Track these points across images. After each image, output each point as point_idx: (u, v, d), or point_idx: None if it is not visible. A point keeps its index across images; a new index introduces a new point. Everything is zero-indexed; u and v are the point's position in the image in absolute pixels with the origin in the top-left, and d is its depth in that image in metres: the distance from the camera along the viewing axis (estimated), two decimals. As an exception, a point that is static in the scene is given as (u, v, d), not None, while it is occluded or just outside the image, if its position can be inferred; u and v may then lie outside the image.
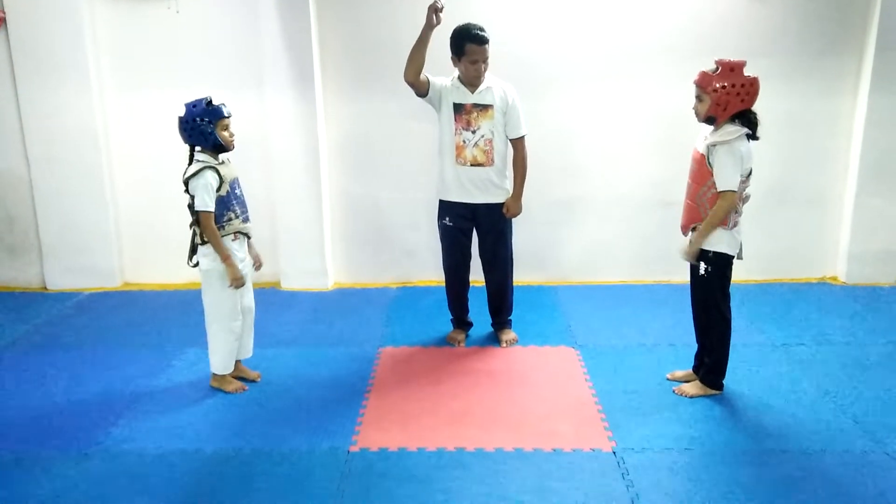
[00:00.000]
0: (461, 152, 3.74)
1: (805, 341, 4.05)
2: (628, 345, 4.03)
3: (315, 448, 3.01)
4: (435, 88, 3.70)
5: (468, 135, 3.72)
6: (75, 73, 4.76)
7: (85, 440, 3.10)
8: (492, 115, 3.70)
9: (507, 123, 3.75)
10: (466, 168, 3.76)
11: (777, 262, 5.09)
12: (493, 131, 3.72)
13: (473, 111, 3.70)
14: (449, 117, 3.73)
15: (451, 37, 3.64)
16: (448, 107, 3.73)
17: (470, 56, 3.59)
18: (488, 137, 3.72)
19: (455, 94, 3.73)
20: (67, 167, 4.91)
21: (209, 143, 3.24)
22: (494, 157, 3.75)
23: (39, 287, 5.16)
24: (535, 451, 2.97)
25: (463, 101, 3.71)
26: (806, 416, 3.23)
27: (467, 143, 3.73)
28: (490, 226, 3.87)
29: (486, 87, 3.71)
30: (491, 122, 3.71)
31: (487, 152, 3.73)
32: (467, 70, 3.63)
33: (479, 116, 3.70)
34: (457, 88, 3.72)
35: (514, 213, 3.86)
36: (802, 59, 4.76)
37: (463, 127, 3.72)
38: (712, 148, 3.11)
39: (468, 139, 3.73)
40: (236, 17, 4.75)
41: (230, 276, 3.31)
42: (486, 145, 3.73)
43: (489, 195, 3.81)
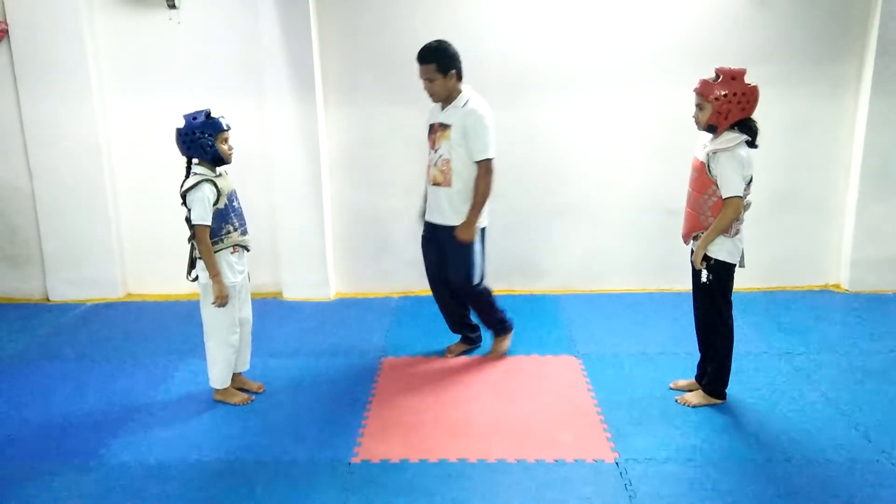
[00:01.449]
0: (428, 171, 3.74)
1: (808, 350, 4.03)
2: (630, 353, 4.01)
3: (316, 459, 3.01)
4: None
5: (432, 154, 3.69)
6: (77, 84, 4.78)
7: (86, 452, 3.10)
8: (449, 136, 3.59)
9: (467, 145, 3.59)
10: (431, 187, 3.73)
11: (779, 269, 5.08)
12: (450, 152, 3.60)
13: (438, 130, 3.66)
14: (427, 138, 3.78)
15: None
16: (426, 129, 3.77)
17: (420, 75, 3.61)
18: (445, 157, 3.61)
19: (431, 114, 3.75)
20: (69, 178, 4.92)
21: (208, 155, 3.24)
22: (452, 178, 3.61)
23: (42, 298, 5.17)
24: (537, 461, 2.96)
25: (432, 121, 3.71)
26: (810, 425, 3.22)
27: (430, 164, 3.71)
28: (442, 248, 3.77)
29: (455, 106, 3.61)
30: (448, 143, 3.60)
31: (445, 172, 3.62)
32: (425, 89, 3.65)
33: (440, 136, 3.63)
34: (435, 108, 3.72)
35: (462, 238, 3.64)
36: (803, 65, 4.76)
37: (430, 146, 3.71)
38: (713, 155, 3.11)
39: (431, 159, 3.71)
40: (237, 26, 4.77)
41: (216, 292, 3.27)
42: (443, 165, 3.62)
43: (444, 217, 3.70)
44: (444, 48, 3.57)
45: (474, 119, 3.57)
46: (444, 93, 3.60)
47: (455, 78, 3.59)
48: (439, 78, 3.56)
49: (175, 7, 4.72)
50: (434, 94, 3.62)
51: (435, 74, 3.55)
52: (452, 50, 3.59)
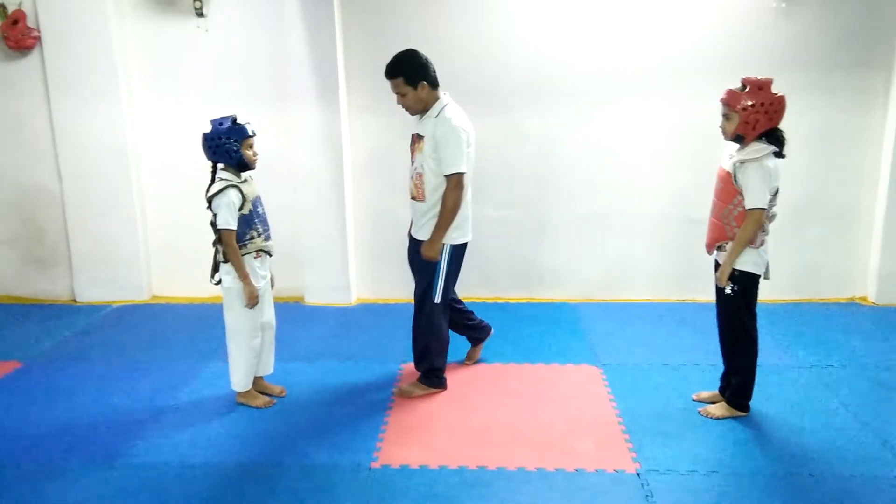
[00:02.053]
0: (410, 184, 3.59)
1: (834, 363, 3.98)
2: (652, 364, 3.98)
3: (337, 463, 3.02)
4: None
5: (411, 167, 3.55)
6: (106, 89, 4.87)
7: (110, 452, 3.14)
8: (421, 148, 3.42)
9: (437, 158, 3.37)
10: (410, 201, 3.59)
11: (805, 281, 5.01)
12: (423, 165, 3.42)
13: (415, 142, 3.50)
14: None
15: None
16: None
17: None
18: (419, 171, 3.45)
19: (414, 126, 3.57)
20: (98, 182, 5.01)
21: (233, 161, 3.28)
22: (426, 192, 3.43)
23: (69, 299, 5.25)
24: (557, 470, 2.95)
25: (413, 132, 3.54)
26: (835, 440, 3.17)
27: (410, 176, 3.57)
28: (412, 262, 3.66)
29: (429, 116, 3.43)
30: (421, 155, 3.43)
31: (419, 186, 3.47)
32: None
33: (416, 148, 3.48)
34: (416, 120, 3.55)
35: (425, 255, 3.45)
36: (831, 75, 4.71)
37: (410, 159, 3.56)
38: (740, 166, 3.08)
39: (410, 171, 3.56)
40: (263, 33, 4.83)
41: (247, 295, 3.33)
42: (417, 179, 3.48)
43: (416, 230, 3.57)
44: (408, 59, 3.39)
45: (445, 129, 3.34)
46: (419, 105, 3.42)
47: (427, 88, 3.39)
48: (409, 91, 3.38)
49: (203, 15, 4.80)
50: (408, 108, 3.46)
51: (404, 88, 3.38)
52: (419, 59, 3.39)
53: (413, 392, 3.66)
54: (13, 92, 4.95)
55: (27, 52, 4.86)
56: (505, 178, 4.95)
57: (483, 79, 4.77)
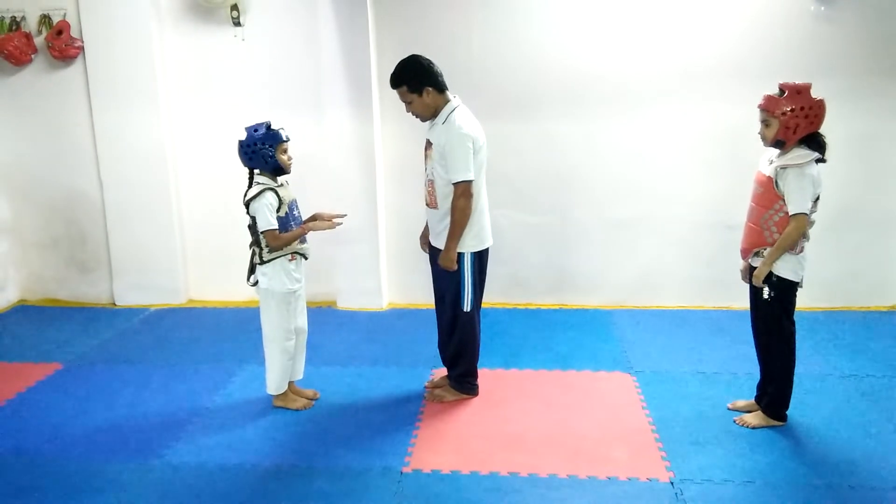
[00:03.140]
0: (423, 191, 3.55)
1: (874, 372, 3.88)
2: (686, 372, 3.94)
3: (369, 467, 3.04)
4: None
5: (425, 174, 3.51)
6: (146, 98, 4.98)
7: (148, 453, 3.21)
8: (431, 155, 3.39)
9: (445, 165, 3.31)
10: (429, 210, 3.53)
11: (843, 288, 4.90)
12: (433, 172, 3.38)
13: (427, 149, 3.45)
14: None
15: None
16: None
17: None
18: (430, 178, 3.42)
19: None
20: (137, 188, 5.12)
21: (269, 166, 3.34)
22: (437, 199, 3.40)
23: (108, 303, 5.37)
24: (589, 478, 2.93)
25: (426, 137, 3.49)
26: (875, 451, 3.09)
27: (424, 183, 3.52)
28: (434, 270, 3.59)
29: (437, 122, 3.37)
30: (431, 163, 3.39)
31: (431, 193, 3.43)
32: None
33: (428, 156, 3.44)
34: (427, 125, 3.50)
35: (442, 264, 3.40)
36: (870, 79, 4.61)
37: (424, 166, 3.52)
38: (782, 171, 3.04)
39: (425, 179, 3.50)
40: (298, 42, 4.90)
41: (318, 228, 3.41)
42: (429, 186, 3.45)
43: (435, 238, 3.53)
44: (410, 66, 3.31)
45: (451, 136, 3.26)
46: (427, 111, 3.36)
47: (433, 93, 3.31)
48: (415, 98, 3.31)
49: (240, 25, 4.89)
50: (418, 115, 3.40)
51: (409, 96, 3.32)
52: (422, 65, 3.31)
53: (445, 397, 3.66)
54: (57, 100, 5.09)
55: (71, 62, 5.00)
56: (536, 183, 4.94)
57: (515, 84, 4.78)
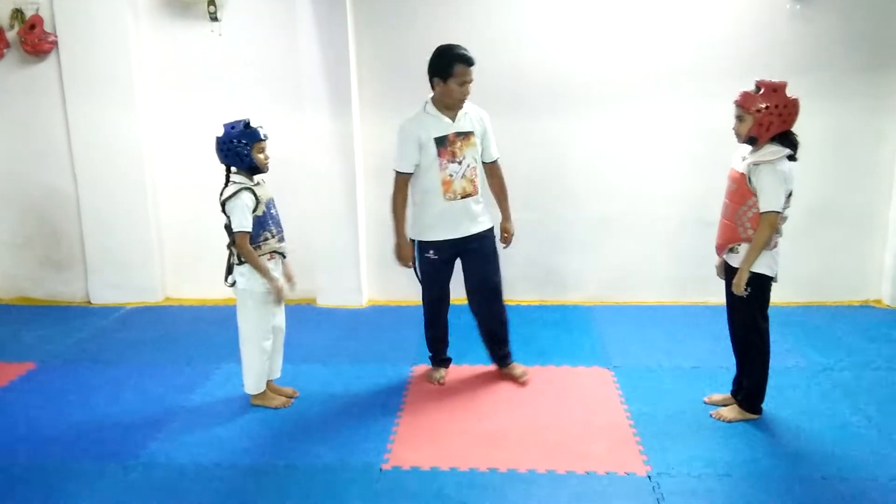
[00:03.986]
0: (450, 187, 3.50)
1: (847, 366, 3.95)
2: (664, 367, 3.97)
3: (348, 465, 3.03)
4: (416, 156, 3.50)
5: (455, 167, 3.49)
6: (122, 93, 4.92)
7: (124, 453, 3.17)
8: (474, 143, 3.52)
9: (483, 148, 3.60)
10: (457, 202, 3.53)
11: (818, 284, 4.98)
12: (475, 158, 3.55)
13: (457, 141, 3.48)
14: (432, 154, 3.47)
15: (436, 58, 3.44)
16: (430, 144, 3.46)
17: (459, 77, 3.38)
18: (473, 165, 3.54)
19: (434, 128, 3.47)
20: (113, 185, 5.06)
21: (245, 164, 3.31)
22: (478, 184, 3.59)
23: (83, 301, 5.30)
24: (568, 473, 2.94)
25: (445, 133, 3.47)
26: (848, 443, 3.15)
27: (455, 176, 3.50)
28: (483, 256, 3.67)
29: (463, 112, 3.51)
30: (474, 150, 3.53)
31: (474, 181, 3.55)
32: (453, 92, 3.41)
33: (463, 145, 3.49)
34: (435, 119, 3.48)
35: (512, 231, 3.77)
36: (846, 77, 4.68)
37: (448, 160, 3.47)
38: (754, 168, 3.07)
39: (455, 171, 3.49)
40: (276, 38, 4.87)
41: (274, 291, 3.37)
42: (472, 174, 3.54)
43: (479, 224, 3.62)
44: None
45: (487, 120, 3.61)
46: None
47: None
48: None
49: (217, 20, 4.85)
50: (465, 99, 3.49)
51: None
52: None
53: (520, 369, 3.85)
54: (30, 96, 5.01)
55: (44, 57, 4.92)
56: (518, 181, 4.92)
57: (495, 82, 4.76)
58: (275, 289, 3.37)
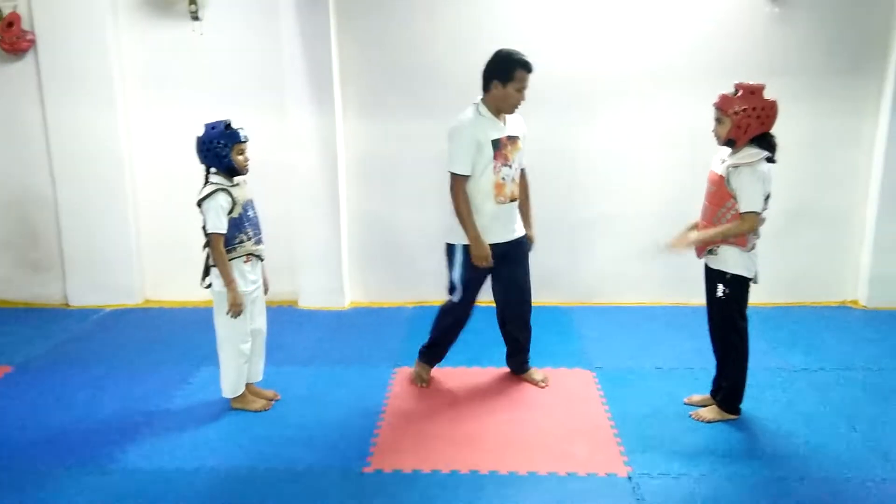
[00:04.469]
0: (502, 190, 3.48)
1: (825, 366, 4.00)
2: (645, 368, 4.00)
3: (329, 468, 3.02)
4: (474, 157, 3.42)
5: (507, 170, 3.47)
6: (101, 93, 4.87)
7: (102, 457, 3.13)
8: (520, 147, 3.55)
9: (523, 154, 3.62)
10: (507, 206, 3.52)
11: (796, 285, 5.03)
12: (521, 162, 3.60)
13: (508, 144, 3.47)
14: (488, 156, 3.42)
15: (497, 61, 3.41)
16: (486, 145, 3.41)
17: (518, 82, 3.37)
18: (519, 170, 3.60)
19: (490, 130, 3.43)
20: (91, 185, 5.00)
21: (223, 165, 3.28)
22: (518, 189, 3.62)
23: (61, 303, 5.24)
24: (549, 474, 2.95)
25: (499, 136, 3.45)
26: (825, 443, 3.18)
27: (507, 180, 3.49)
28: (519, 260, 3.66)
29: (510, 116, 3.53)
30: (520, 154, 3.55)
31: (518, 184, 3.60)
32: (510, 98, 3.40)
33: (513, 149, 3.50)
34: (491, 122, 3.44)
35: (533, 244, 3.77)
36: (823, 80, 4.74)
37: (502, 163, 3.46)
38: (733, 170, 3.10)
39: (507, 175, 3.48)
40: (259, 39, 4.83)
41: (230, 300, 3.29)
42: (518, 178, 3.60)
43: (520, 229, 3.66)
44: None
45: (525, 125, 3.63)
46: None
47: None
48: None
49: (198, 19, 4.81)
50: (519, 105, 3.49)
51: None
52: None
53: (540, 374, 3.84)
54: (7, 95, 4.94)
55: (22, 55, 4.85)
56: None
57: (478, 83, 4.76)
58: (231, 298, 3.29)
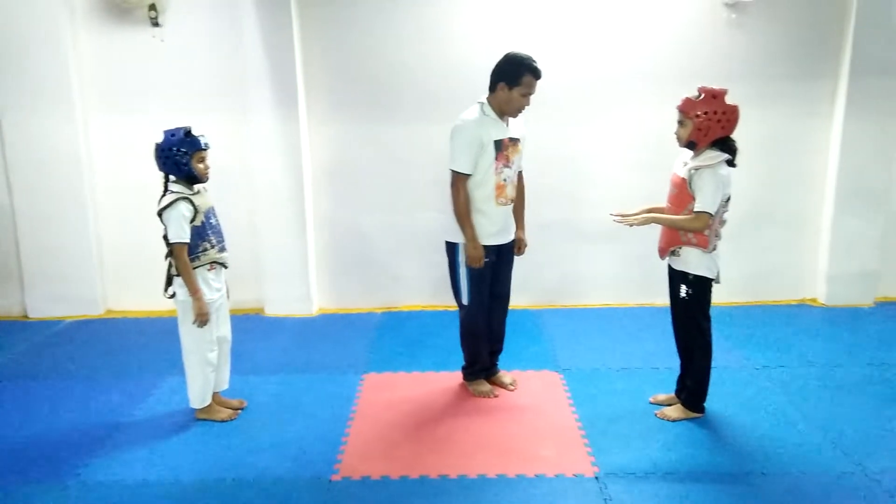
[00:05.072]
0: (502, 191, 3.49)
1: (785, 363, 4.08)
2: (611, 368, 4.04)
3: (297, 477, 2.99)
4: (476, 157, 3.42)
5: (508, 172, 3.50)
6: (59, 100, 4.77)
7: (64, 471, 3.06)
8: (520, 149, 3.56)
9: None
10: (506, 207, 3.55)
11: (757, 284, 5.15)
12: (519, 165, 3.61)
13: (510, 146, 3.49)
14: (490, 156, 3.42)
15: (506, 63, 3.40)
16: (490, 147, 3.41)
17: (525, 88, 3.38)
18: (520, 170, 3.63)
19: (494, 130, 3.43)
20: (50, 194, 4.89)
21: (182, 173, 3.23)
22: (515, 192, 3.64)
23: (20, 315, 5.11)
24: (518, 477, 2.97)
25: (502, 137, 3.45)
26: (787, 439, 3.25)
27: (508, 181, 3.51)
28: (508, 263, 3.72)
29: (513, 119, 3.53)
30: (520, 156, 3.57)
31: (516, 187, 3.63)
32: (515, 101, 3.40)
33: (514, 151, 3.52)
34: (494, 123, 3.44)
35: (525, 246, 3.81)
36: (780, 84, 4.86)
37: (504, 164, 3.47)
38: (695, 172, 3.16)
39: (508, 176, 3.51)
40: (220, 44, 4.78)
41: (195, 310, 3.25)
42: (517, 180, 3.63)
43: (512, 232, 3.69)
44: None
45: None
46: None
47: None
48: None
49: (158, 25, 4.74)
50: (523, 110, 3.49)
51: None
52: None
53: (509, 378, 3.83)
54: (-40, 103, 4.82)
55: (-26, 63, 4.74)
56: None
57: (442, 87, 4.79)
58: (197, 308, 3.25)
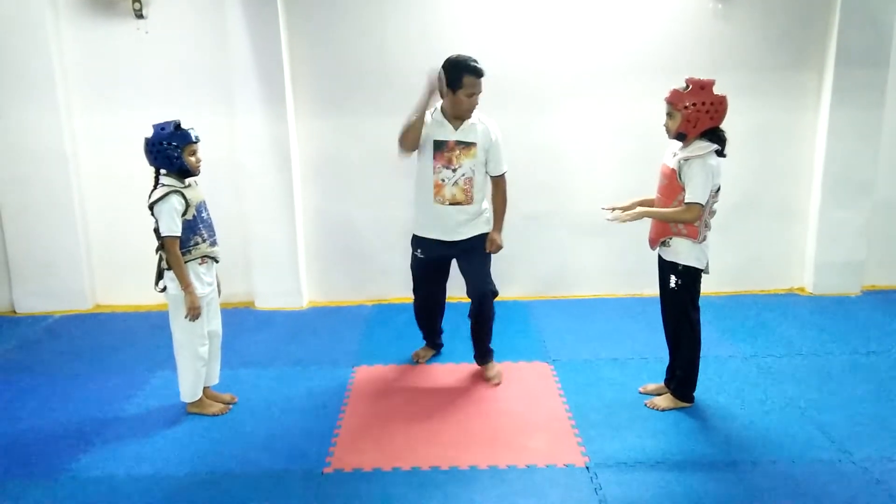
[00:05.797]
0: (440, 191, 3.57)
1: (774, 353, 4.12)
2: (601, 359, 4.07)
3: (289, 470, 3.00)
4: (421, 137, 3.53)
5: (448, 173, 3.54)
6: (43, 93, 4.72)
7: (53, 467, 3.05)
8: (474, 154, 3.55)
9: (489, 161, 3.62)
10: (444, 206, 3.59)
11: (745, 274, 5.18)
12: (473, 169, 3.58)
13: (456, 149, 3.53)
14: (428, 154, 3.55)
15: (446, 68, 3.45)
16: (429, 143, 3.54)
17: (467, 89, 3.43)
18: (469, 176, 3.57)
19: (437, 131, 3.54)
20: (36, 188, 4.85)
21: (174, 167, 3.21)
22: (474, 194, 3.61)
23: (8, 311, 5.07)
24: (509, 467, 2.98)
25: (445, 139, 3.53)
26: (775, 427, 3.29)
27: (446, 182, 3.55)
28: (475, 255, 3.72)
29: (471, 123, 3.56)
30: (472, 161, 3.56)
31: (467, 191, 3.58)
32: (461, 103, 3.46)
33: (462, 155, 3.54)
34: (439, 124, 3.54)
35: (498, 247, 3.73)
36: (766, 75, 4.88)
37: (443, 165, 3.53)
38: (684, 163, 3.17)
39: (447, 177, 3.55)
40: (205, 36, 4.75)
41: (188, 304, 3.24)
42: (465, 184, 3.57)
43: (471, 229, 3.68)
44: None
45: (497, 134, 3.63)
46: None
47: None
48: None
49: (143, 17, 4.70)
50: (473, 109, 3.53)
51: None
52: None
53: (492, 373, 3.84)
54: (-57, 97, 4.76)
55: (-43, 56, 4.69)
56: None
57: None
58: (189, 302, 3.24)
